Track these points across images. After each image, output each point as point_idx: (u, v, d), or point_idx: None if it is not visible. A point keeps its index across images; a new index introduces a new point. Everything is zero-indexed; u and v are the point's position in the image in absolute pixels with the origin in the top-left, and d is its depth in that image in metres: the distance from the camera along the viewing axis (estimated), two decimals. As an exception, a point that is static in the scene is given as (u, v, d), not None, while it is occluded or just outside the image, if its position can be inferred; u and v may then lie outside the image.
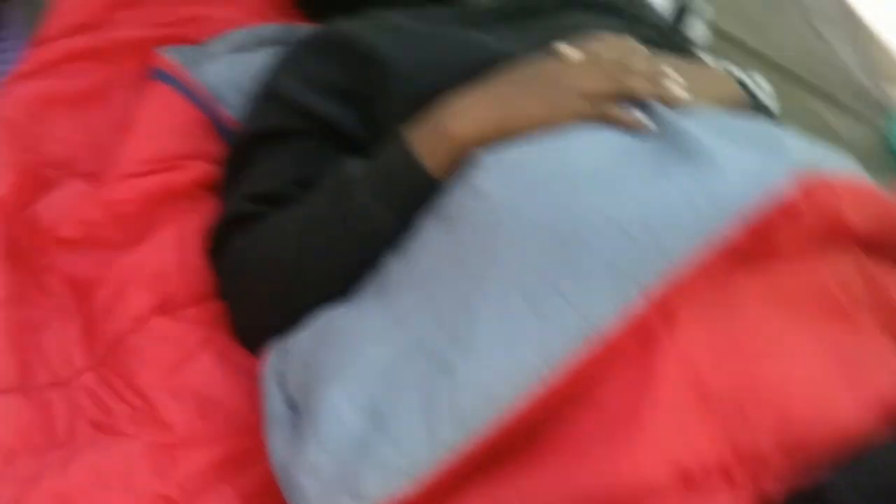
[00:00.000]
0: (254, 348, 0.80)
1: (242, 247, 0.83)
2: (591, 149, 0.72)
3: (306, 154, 0.87)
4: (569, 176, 0.69)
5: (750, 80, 1.29)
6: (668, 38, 1.06)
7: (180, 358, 0.78)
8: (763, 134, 0.74)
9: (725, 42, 1.39)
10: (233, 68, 1.04)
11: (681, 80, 0.79)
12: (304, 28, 1.10)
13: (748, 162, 0.67)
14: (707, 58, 1.14)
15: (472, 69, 0.83)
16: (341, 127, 0.87)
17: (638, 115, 0.74)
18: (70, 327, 0.81)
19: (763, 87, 1.23)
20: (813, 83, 1.37)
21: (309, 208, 0.81)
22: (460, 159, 0.75)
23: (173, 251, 0.86)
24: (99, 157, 0.95)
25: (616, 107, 0.75)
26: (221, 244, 0.86)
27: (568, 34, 0.91)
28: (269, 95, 0.92)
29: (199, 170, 0.94)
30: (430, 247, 0.72)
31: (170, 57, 1.03)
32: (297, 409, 0.70)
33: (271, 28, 1.09)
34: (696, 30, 1.31)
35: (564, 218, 0.66)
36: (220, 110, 1.01)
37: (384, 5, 0.99)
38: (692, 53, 1.10)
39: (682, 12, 1.29)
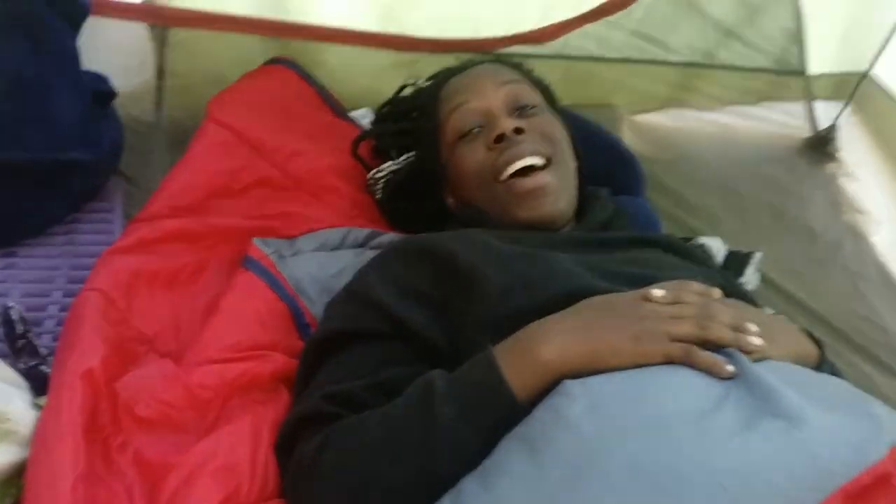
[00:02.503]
0: None
1: (317, 447, 0.83)
2: (680, 391, 0.73)
3: (387, 358, 0.89)
4: (660, 418, 0.70)
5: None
6: (730, 283, 1.10)
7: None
8: (848, 397, 0.76)
9: (774, 292, 1.45)
10: (317, 265, 1.09)
11: (761, 332, 0.82)
12: (388, 235, 1.16)
13: (842, 428, 0.68)
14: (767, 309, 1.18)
15: (559, 295, 0.86)
16: (424, 334, 0.89)
17: (723, 362, 0.77)
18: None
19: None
20: (855, 340, 1.42)
21: (390, 416, 0.81)
22: (546, 385, 0.76)
23: (246, 444, 0.85)
24: (181, 338, 0.97)
25: (701, 352, 0.77)
26: (291, 442, 0.86)
27: (647, 270, 0.96)
28: (355, 296, 0.95)
29: (279, 362, 0.95)
30: (514, 475, 0.71)
31: (261, 246, 1.08)
32: None
33: (357, 231, 1.15)
34: (751, 279, 1.36)
35: (658, 464, 0.66)
36: (302, 304, 1.04)
37: (467, 224, 1.04)
38: (753, 301, 1.14)
39: (741, 261, 1.35)
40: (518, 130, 1.02)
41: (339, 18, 1.36)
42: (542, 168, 1.02)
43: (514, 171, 1.01)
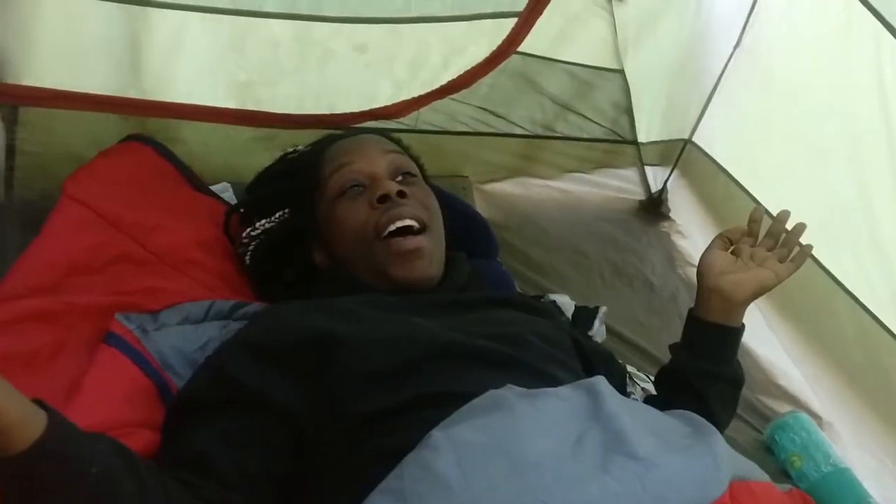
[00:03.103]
0: None
1: None
2: (539, 437, 0.77)
3: (231, 432, 0.89)
4: (524, 466, 0.74)
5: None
6: (580, 336, 1.18)
7: None
8: (693, 435, 0.83)
9: (618, 341, 1.56)
10: (182, 339, 1.09)
11: None
12: (253, 305, 1.17)
13: (688, 469, 0.75)
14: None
15: (420, 348, 0.92)
16: (277, 404, 0.90)
17: None
18: None
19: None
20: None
21: None
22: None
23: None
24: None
25: None
26: None
27: (500, 327, 1.02)
28: (208, 367, 0.96)
29: (147, 438, 0.95)
30: None
31: (124, 322, 1.06)
32: None
33: (221, 303, 1.15)
34: (599, 331, 1.46)
35: None
36: (168, 379, 1.04)
37: (331, 294, 1.07)
38: (603, 352, 1.22)
39: (588, 315, 1.44)
40: (401, 194, 1.09)
41: (196, 96, 1.38)
42: (419, 232, 1.08)
43: (394, 228, 1.06)
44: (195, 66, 1.36)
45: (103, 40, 1.26)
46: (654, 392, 1.19)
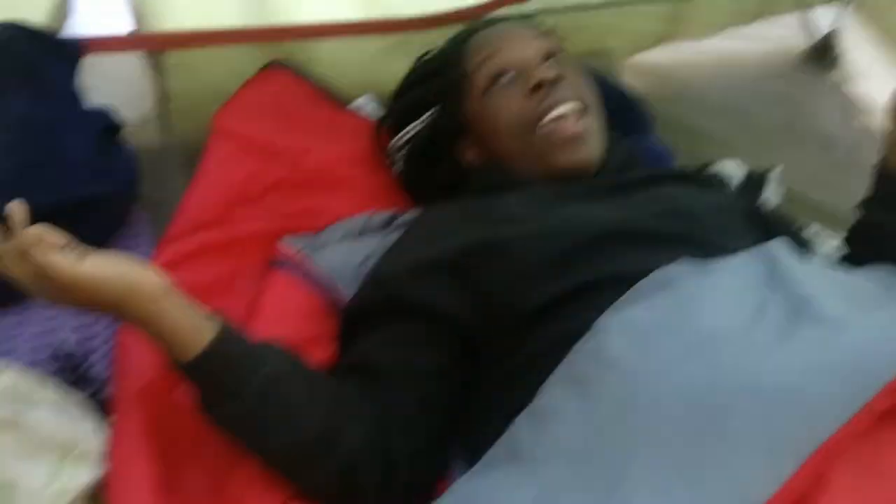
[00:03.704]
0: None
1: None
2: (716, 310, 0.74)
3: (396, 337, 0.91)
4: (700, 342, 0.71)
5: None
6: (751, 204, 1.11)
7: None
8: (889, 296, 0.76)
9: (799, 203, 1.45)
10: (346, 254, 1.11)
11: None
12: (408, 214, 1.18)
13: (885, 327, 0.69)
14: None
15: (585, 235, 0.89)
16: (439, 311, 0.91)
17: None
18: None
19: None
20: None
21: None
22: None
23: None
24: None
25: None
26: None
27: (668, 204, 0.97)
28: (371, 279, 0.99)
29: (329, 350, 0.98)
30: (565, 415, 0.73)
31: (289, 246, 1.10)
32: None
33: (378, 215, 1.17)
34: (773, 195, 1.36)
35: (705, 387, 0.67)
36: (338, 294, 1.06)
37: (486, 191, 1.05)
38: (780, 217, 1.14)
39: (759, 180, 1.35)
40: (557, 78, 1.03)
41: (322, 13, 1.37)
42: (580, 115, 1.03)
43: (554, 116, 1.02)
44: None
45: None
46: (841, 252, 1.10)
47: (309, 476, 0.83)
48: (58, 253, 0.73)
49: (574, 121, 1.02)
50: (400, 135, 1.22)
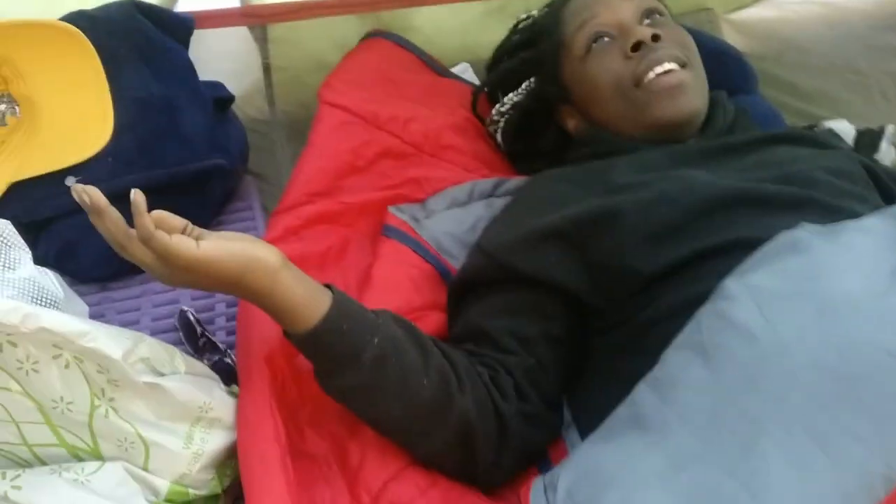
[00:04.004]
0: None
1: None
2: (846, 275, 0.71)
3: (506, 304, 0.92)
4: (833, 306, 0.68)
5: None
6: (868, 163, 1.07)
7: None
8: None
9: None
10: (452, 222, 1.12)
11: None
12: (514, 180, 1.18)
13: None
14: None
15: (700, 200, 0.88)
16: (550, 281, 0.91)
17: None
18: (334, 485, 0.84)
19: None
20: None
21: None
22: None
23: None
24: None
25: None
26: None
27: (784, 167, 0.95)
28: (479, 248, 0.99)
29: (436, 320, 1.00)
30: (691, 382, 0.71)
31: (397, 214, 1.12)
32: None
33: (483, 183, 1.17)
34: (888, 153, 1.32)
35: (841, 355, 0.65)
36: (446, 262, 1.08)
37: (590, 157, 1.05)
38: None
39: (873, 138, 1.30)
40: (655, 37, 1.02)
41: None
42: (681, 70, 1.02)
43: (655, 75, 1.01)
44: (418, -51, 1.35)
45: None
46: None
47: (425, 442, 0.84)
48: (176, 237, 0.75)
49: (674, 73, 1.01)
50: (499, 105, 1.22)
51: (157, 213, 0.76)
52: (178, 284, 0.79)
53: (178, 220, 0.78)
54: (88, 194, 0.73)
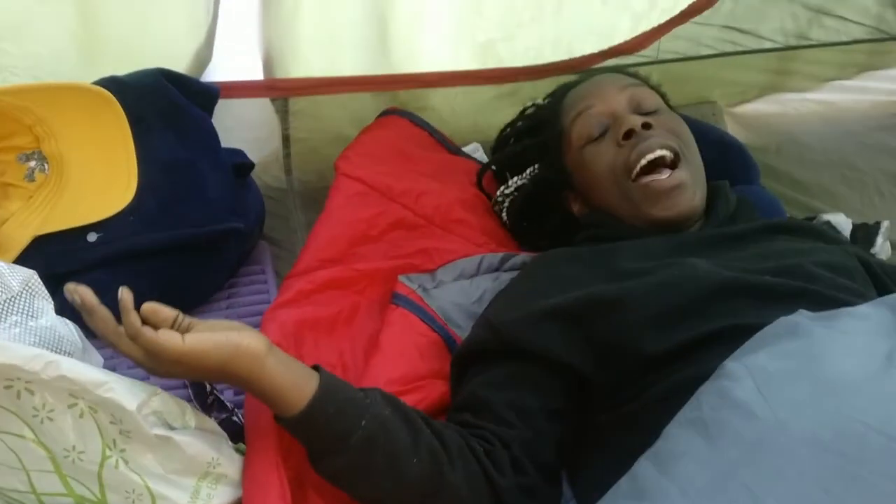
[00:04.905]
0: None
1: None
2: (844, 357, 0.73)
3: (509, 376, 0.93)
4: (830, 387, 0.70)
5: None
6: (865, 256, 1.10)
7: None
8: None
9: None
10: (460, 293, 1.15)
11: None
12: (521, 256, 1.21)
13: None
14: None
15: (700, 288, 0.90)
16: (550, 355, 0.92)
17: None
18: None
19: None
20: None
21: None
22: None
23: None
24: (348, 377, 1.03)
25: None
26: None
27: (785, 259, 0.97)
28: (484, 320, 1.01)
29: (440, 389, 1.02)
30: (690, 456, 0.72)
31: (406, 283, 1.14)
32: None
33: (491, 257, 1.20)
34: (883, 249, 1.35)
35: (836, 432, 0.66)
36: (452, 332, 1.10)
37: (595, 240, 1.08)
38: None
39: (869, 233, 1.34)
40: (646, 126, 1.05)
41: (440, 62, 1.43)
42: (674, 164, 1.04)
43: (646, 162, 1.03)
44: (437, 34, 1.40)
45: (356, 24, 1.34)
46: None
47: None
48: (163, 333, 0.77)
49: (669, 173, 1.03)
50: (503, 188, 1.26)
51: (149, 305, 0.79)
52: (168, 376, 0.81)
53: (168, 312, 0.80)
54: (80, 294, 0.76)
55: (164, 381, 1.04)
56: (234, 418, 0.99)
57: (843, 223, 1.39)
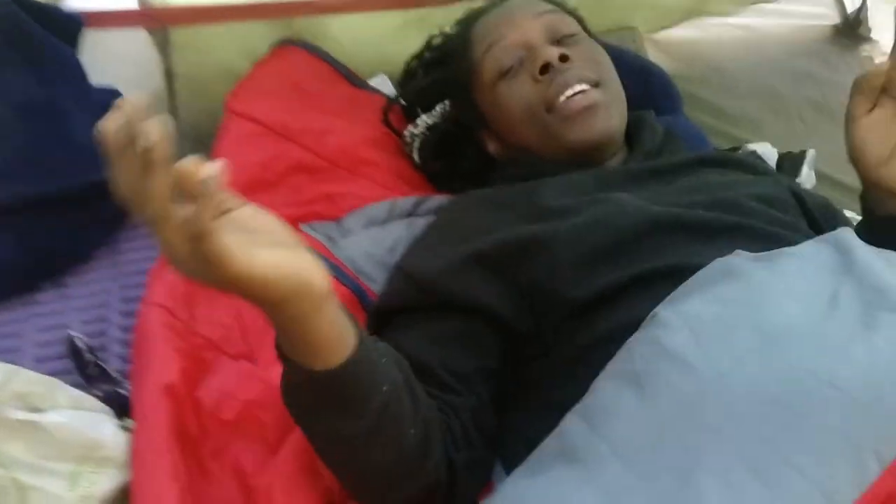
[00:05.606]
0: None
1: None
2: (784, 301, 0.69)
3: (428, 334, 0.86)
4: (771, 334, 0.67)
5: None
6: (792, 187, 1.06)
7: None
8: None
9: (830, 186, 1.40)
10: (370, 242, 1.06)
11: None
12: (436, 198, 1.13)
13: None
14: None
15: (630, 226, 0.85)
16: (476, 303, 0.86)
17: None
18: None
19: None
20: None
21: None
22: None
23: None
24: (249, 339, 0.95)
25: None
26: None
27: (712, 192, 0.92)
28: (400, 272, 0.93)
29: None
30: (623, 413, 0.68)
31: (310, 233, 1.05)
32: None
33: (402, 201, 1.12)
34: (808, 178, 1.32)
35: (778, 384, 0.63)
36: (363, 285, 1.02)
37: (513, 179, 1.00)
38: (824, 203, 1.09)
39: (794, 162, 1.31)
40: (563, 58, 0.98)
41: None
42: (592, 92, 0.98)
43: (564, 99, 0.96)
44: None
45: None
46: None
47: (398, 491, 0.76)
48: (237, 245, 0.57)
49: (584, 94, 0.97)
50: (412, 127, 1.18)
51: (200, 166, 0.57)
52: (198, 280, 0.60)
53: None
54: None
55: (34, 352, 0.97)
56: (121, 390, 0.90)
57: (769, 153, 1.36)
